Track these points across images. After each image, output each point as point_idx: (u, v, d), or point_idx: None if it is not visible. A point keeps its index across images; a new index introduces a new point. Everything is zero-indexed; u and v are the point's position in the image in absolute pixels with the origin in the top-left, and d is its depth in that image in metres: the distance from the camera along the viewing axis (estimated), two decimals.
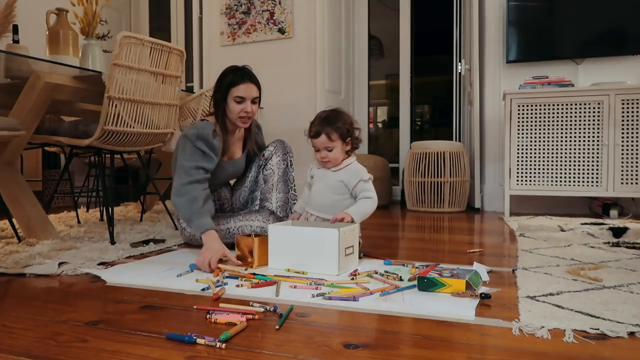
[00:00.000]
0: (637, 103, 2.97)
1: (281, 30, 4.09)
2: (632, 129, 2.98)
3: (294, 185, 2.15)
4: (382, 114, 5.01)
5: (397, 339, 0.99)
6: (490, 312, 1.15)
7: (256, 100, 1.98)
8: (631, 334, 0.99)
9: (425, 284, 1.32)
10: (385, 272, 1.52)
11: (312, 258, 1.57)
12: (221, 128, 1.99)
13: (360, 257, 1.81)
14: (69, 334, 1.03)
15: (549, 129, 3.14)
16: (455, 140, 4.23)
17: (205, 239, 1.71)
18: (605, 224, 2.43)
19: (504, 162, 3.29)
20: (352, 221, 1.72)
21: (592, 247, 1.98)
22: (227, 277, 1.47)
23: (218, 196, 2.13)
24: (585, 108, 3.07)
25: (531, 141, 3.18)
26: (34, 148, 2.51)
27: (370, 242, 2.16)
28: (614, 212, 3.11)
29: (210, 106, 2.07)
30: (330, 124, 1.78)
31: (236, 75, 1.93)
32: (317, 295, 1.28)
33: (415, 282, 1.36)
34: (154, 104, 2.24)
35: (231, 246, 1.93)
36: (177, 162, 1.87)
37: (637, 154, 2.97)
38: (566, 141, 3.11)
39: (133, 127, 2.15)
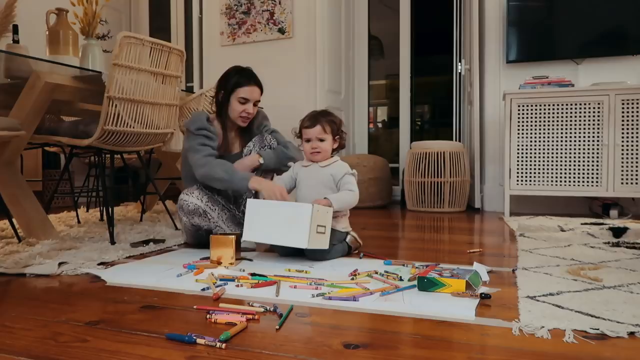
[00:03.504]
0: (637, 103, 2.97)
1: (281, 30, 4.09)
2: (632, 129, 2.98)
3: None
4: (382, 114, 5.01)
5: (397, 339, 0.99)
6: (490, 312, 1.15)
7: (257, 103, 2.08)
8: (631, 334, 0.99)
9: (425, 284, 1.32)
10: (385, 272, 1.52)
11: (284, 229, 1.65)
12: (222, 125, 2.09)
13: (360, 257, 1.82)
14: (69, 334, 1.03)
15: (549, 129, 3.14)
16: (455, 140, 4.23)
17: (256, 182, 1.87)
18: (605, 224, 2.43)
19: (504, 162, 3.28)
20: (330, 206, 1.75)
21: (592, 247, 1.98)
22: (222, 279, 1.45)
23: (218, 192, 2.11)
24: (585, 108, 3.07)
25: (531, 141, 3.18)
26: (34, 148, 2.51)
27: (370, 242, 2.16)
28: (614, 212, 3.11)
29: (212, 105, 2.10)
30: (325, 117, 1.91)
31: (242, 76, 2.04)
32: (317, 295, 1.28)
33: (415, 282, 1.36)
34: (154, 104, 2.24)
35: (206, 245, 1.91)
36: (186, 149, 2.00)
37: (637, 154, 2.97)
38: (566, 141, 3.11)
39: (133, 127, 2.15)
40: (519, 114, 3.19)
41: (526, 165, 3.19)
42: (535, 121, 3.16)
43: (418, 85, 4.71)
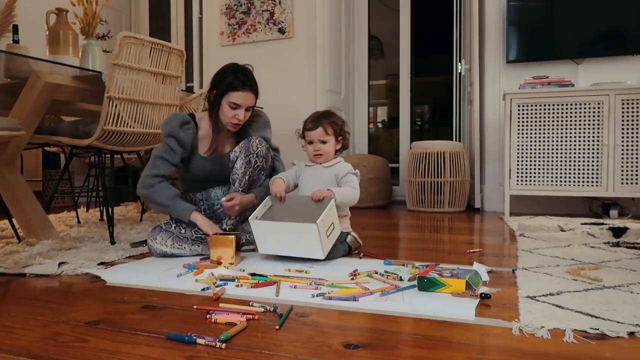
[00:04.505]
0: (637, 103, 2.97)
1: (281, 30, 4.09)
2: (632, 129, 2.97)
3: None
4: (382, 114, 5.01)
5: (397, 339, 0.99)
6: (490, 312, 1.15)
7: (250, 109, 1.94)
8: (631, 334, 0.99)
9: (425, 284, 1.32)
10: (385, 272, 1.52)
11: (297, 244, 1.70)
12: (213, 126, 1.96)
13: (360, 257, 1.82)
14: (69, 334, 1.03)
15: (549, 129, 3.14)
16: (455, 140, 4.23)
17: (195, 217, 1.84)
18: (605, 224, 2.43)
19: (504, 162, 3.28)
20: (333, 197, 1.75)
21: (592, 247, 1.98)
22: (222, 279, 1.45)
23: (207, 196, 2.03)
24: (585, 108, 3.07)
25: (531, 141, 3.18)
26: (34, 148, 2.51)
27: (370, 242, 2.16)
28: (614, 212, 3.11)
29: (204, 102, 2.05)
30: (327, 119, 1.90)
31: (237, 78, 1.88)
32: (317, 295, 1.28)
33: (415, 282, 1.36)
34: (154, 104, 2.24)
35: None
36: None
37: (637, 154, 2.97)
38: (566, 141, 3.11)
39: (133, 127, 2.15)
40: (519, 114, 3.19)
41: (526, 165, 3.19)
42: (535, 121, 3.16)
43: (418, 85, 4.71)
